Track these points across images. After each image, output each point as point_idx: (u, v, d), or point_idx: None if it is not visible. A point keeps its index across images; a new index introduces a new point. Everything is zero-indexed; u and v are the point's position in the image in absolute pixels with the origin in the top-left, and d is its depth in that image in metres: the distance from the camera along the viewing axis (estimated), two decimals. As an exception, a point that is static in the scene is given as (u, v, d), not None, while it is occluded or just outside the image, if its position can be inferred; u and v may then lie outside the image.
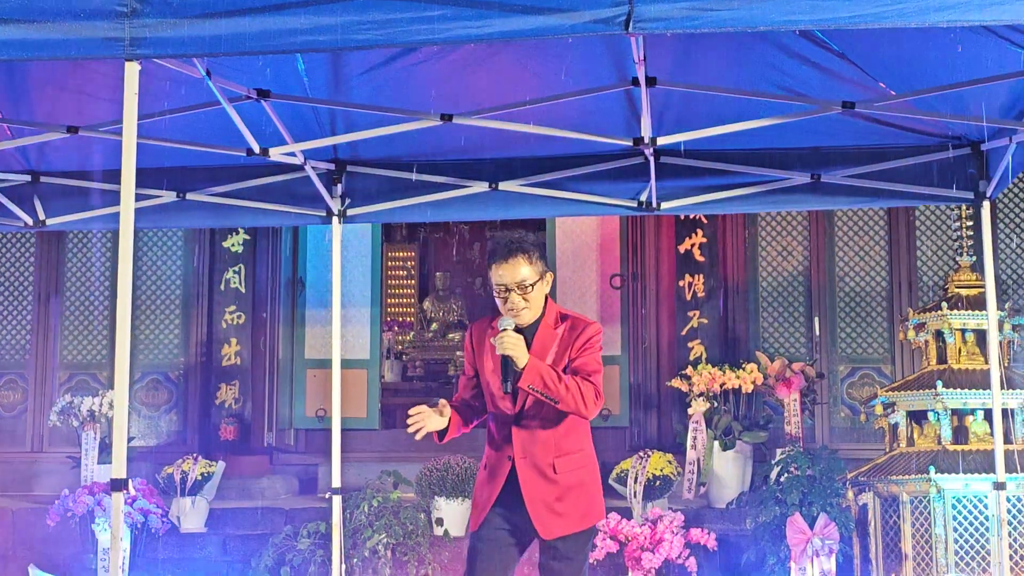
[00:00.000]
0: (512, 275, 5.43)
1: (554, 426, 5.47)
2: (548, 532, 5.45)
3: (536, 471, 5.45)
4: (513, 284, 5.43)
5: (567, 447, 5.50)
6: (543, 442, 5.46)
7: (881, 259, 11.85)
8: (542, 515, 5.45)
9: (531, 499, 5.44)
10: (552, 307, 5.57)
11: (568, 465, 5.49)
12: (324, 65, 6.68)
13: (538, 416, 5.45)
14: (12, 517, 10.55)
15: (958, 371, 8.97)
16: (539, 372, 5.29)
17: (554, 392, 5.29)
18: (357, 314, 13.02)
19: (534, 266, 5.47)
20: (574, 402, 5.34)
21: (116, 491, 4.89)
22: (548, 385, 5.28)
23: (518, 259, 5.44)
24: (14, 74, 6.84)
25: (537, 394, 5.30)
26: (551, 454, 5.46)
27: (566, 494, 5.48)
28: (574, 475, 5.51)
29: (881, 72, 6.60)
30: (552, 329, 5.52)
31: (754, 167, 7.81)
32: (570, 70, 6.67)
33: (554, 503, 5.45)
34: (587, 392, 5.38)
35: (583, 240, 12.65)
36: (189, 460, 10.54)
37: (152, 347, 12.60)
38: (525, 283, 5.43)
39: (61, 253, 12.82)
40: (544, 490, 5.45)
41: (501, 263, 5.45)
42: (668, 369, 11.60)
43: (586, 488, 5.56)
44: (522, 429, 5.47)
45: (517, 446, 5.46)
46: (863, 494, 8.95)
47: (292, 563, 9.16)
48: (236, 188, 8.21)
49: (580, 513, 5.52)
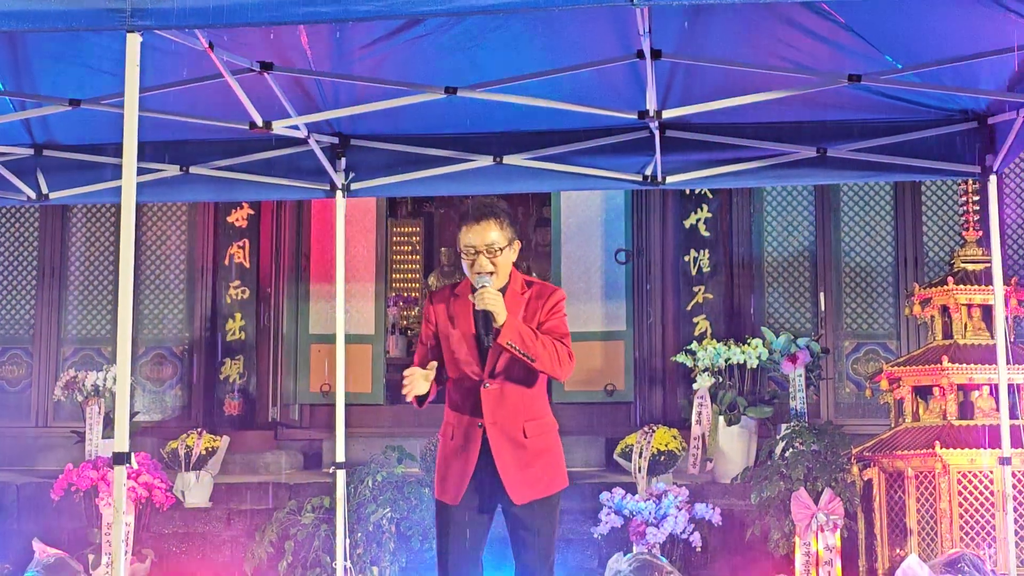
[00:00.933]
0: (482, 237, 5.51)
1: (522, 390, 5.53)
2: (521, 497, 5.49)
3: (507, 436, 5.50)
4: (483, 246, 5.50)
5: (535, 412, 5.58)
6: (512, 407, 5.51)
7: (887, 234, 11.81)
8: (515, 480, 5.49)
9: (503, 464, 5.48)
10: (517, 275, 5.64)
11: (537, 429, 5.56)
12: (327, 38, 6.65)
13: (507, 380, 5.51)
14: (16, 491, 10.57)
15: (964, 346, 8.95)
16: (517, 329, 5.36)
17: (532, 350, 5.35)
18: (361, 289, 13.00)
19: (504, 232, 5.55)
20: (550, 361, 5.41)
21: (119, 464, 4.89)
22: (526, 342, 5.34)
23: (489, 223, 5.53)
24: (16, 46, 6.82)
25: (515, 351, 5.35)
26: (521, 418, 5.52)
27: (536, 459, 5.53)
28: (542, 439, 5.58)
29: (887, 45, 6.57)
30: (519, 295, 5.58)
31: (760, 141, 7.78)
32: (575, 43, 6.65)
33: (525, 468, 5.50)
34: (561, 352, 5.47)
35: (588, 215, 12.61)
36: (193, 435, 10.55)
37: (156, 322, 12.60)
38: (494, 246, 5.51)
39: (65, 227, 12.81)
40: (516, 455, 5.50)
41: (472, 225, 5.54)
42: (673, 344, 11.58)
43: (553, 454, 5.63)
44: (491, 394, 5.51)
45: (487, 412, 5.50)
46: (868, 469, 8.94)
47: (296, 537, 9.16)
48: (240, 162, 8.18)
49: (549, 478, 5.58)
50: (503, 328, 5.33)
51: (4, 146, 8.15)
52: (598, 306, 12.42)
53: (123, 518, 4.93)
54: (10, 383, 12.68)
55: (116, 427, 5.01)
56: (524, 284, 5.62)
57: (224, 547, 10.06)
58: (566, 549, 9.68)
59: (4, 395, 12.67)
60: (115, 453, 4.92)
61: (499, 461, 5.48)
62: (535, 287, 5.63)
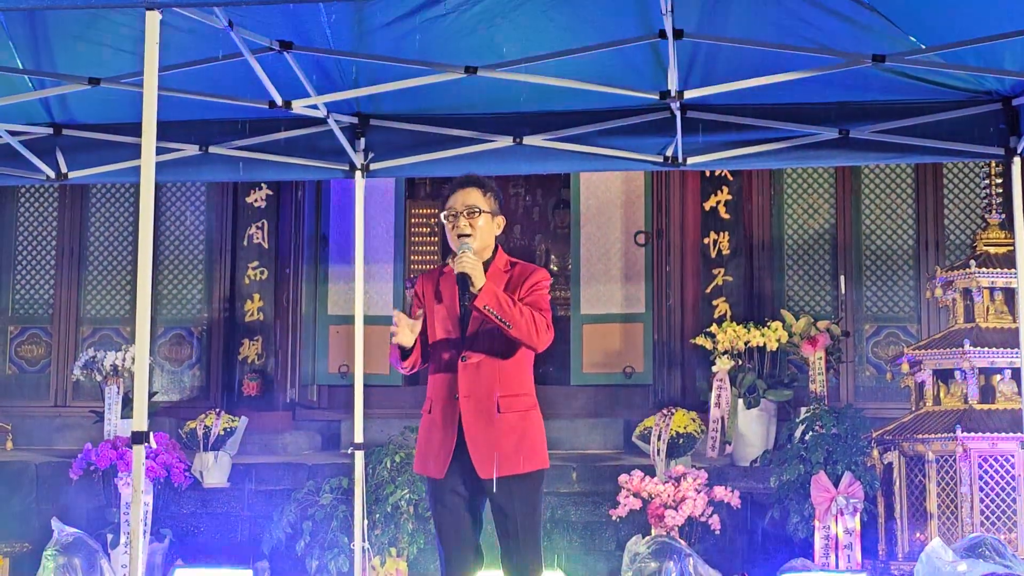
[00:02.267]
0: (462, 199, 5.65)
1: (500, 364, 5.57)
2: (486, 471, 5.50)
3: (479, 409, 5.53)
4: (463, 208, 5.62)
5: (512, 387, 5.60)
6: (488, 380, 5.55)
7: (908, 216, 11.76)
8: (482, 454, 5.51)
9: (471, 437, 5.52)
10: (502, 254, 5.71)
11: (512, 405, 5.58)
12: (347, 16, 6.64)
13: (485, 354, 5.55)
14: (35, 471, 10.59)
15: (986, 330, 8.90)
16: (494, 293, 5.41)
17: (508, 315, 5.39)
18: (380, 270, 13.00)
19: (487, 199, 5.67)
20: (527, 328, 5.44)
21: (137, 444, 4.89)
22: (503, 307, 5.39)
23: (472, 188, 5.68)
24: (35, 25, 6.81)
25: (491, 315, 5.38)
26: (496, 392, 5.55)
27: (508, 434, 5.55)
28: (517, 416, 5.59)
29: (911, 25, 6.52)
30: (501, 272, 5.65)
31: (782, 122, 7.74)
32: (596, 22, 6.62)
33: (495, 442, 5.52)
34: (539, 321, 5.50)
35: (607, 196, 12.58)
36: (212, 415, 10.55)
37: (175, 302, 12.61)
38: (474, 208, 5.62)
39: (84, 207, 12.82)
40: (486, 429, 5.52)
41: (456, 190, 5.69)
42: (692, 327, 11.54)
43: (526, 433, 5.62)
44: (468, 367, 5.56)
45: (462, 385, 5.55)
46: (888, 453, 8.91)
47: (314, 518, 9.16)
48: (259, 142, 8.17)
49: (523, 455, 5.58)
50: (480, 292, 5.39)
51: (23, 125, 8.15)
52: (617, 288, 12.41)
53: (141, 497, 4.93)
54: (29, 363, 12.71)
55: (135, 407, 5.01)
56: (508, 263, 5.70)
57: (242, 527, 10.08)
58: (584, 531, 9.67)
59: (23, 375, 12.70)
60: (134, 432, 4.93)
61: (468, 434, 5.52)
62: (518, 267, 5.71)
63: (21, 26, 6.82)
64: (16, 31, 6.88)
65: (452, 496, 5.61)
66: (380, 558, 9.01)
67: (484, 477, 5.51)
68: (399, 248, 13.20)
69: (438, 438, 5.61)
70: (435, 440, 5.63)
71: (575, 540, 9.66)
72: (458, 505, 5.61)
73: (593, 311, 12.48)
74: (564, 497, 9.82)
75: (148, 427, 4.99)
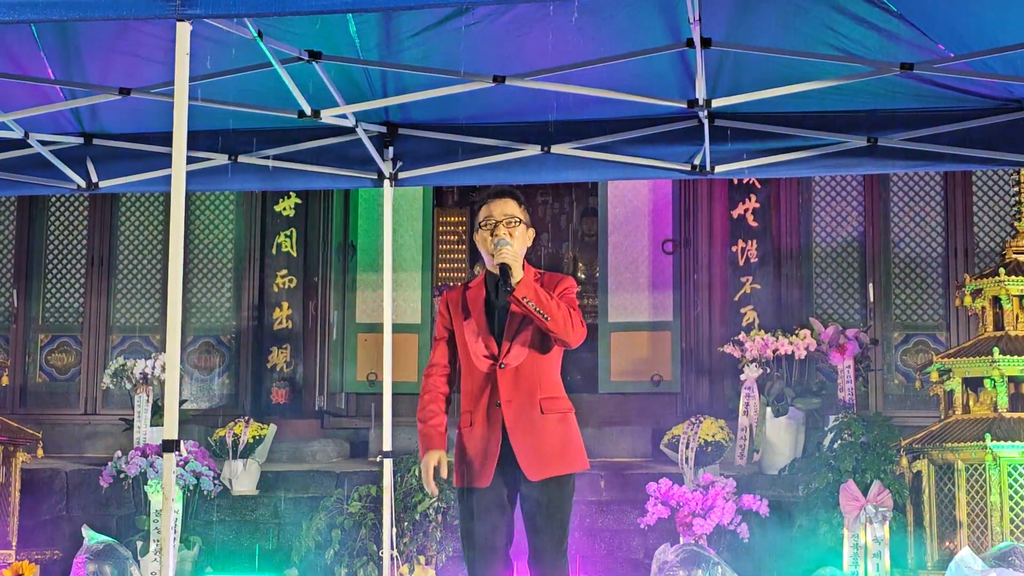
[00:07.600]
0: (501, 209, 5.76)
1: (537, 369, 5.65)
2: (535, 473, 5.57)
3: (524, 413, 5.60)
4: (502, 217, 5.73)
5: (551, 390, 5.70)
6: (528, 384, 5.63)
7: (937, 224, 11.73)
8: (530, 457, 5.58)
9: (518, 440, 5.58)
10: (529, 267, 5.72)
11: (553, 407, 5.67)
12: (376, 26, 6.65)
13: (522, 360, 5.64)
14: (66, 479, 10.64)
15: (1015, 338, 8.86)
16: (532, 285, 5.52)
17: (546, 307, 5.49)
18: (408, 279, 13.04)
19: (522, 211, 5.80)
20: (563, 320, 5.53)
21: (167, 452, 4.92)
22: (541, 299, 5.49)
23: (509, 199, 5.80)
24: (66, 35, 6.86)
25: (529, 307, 5.47)
26: (537, 394, 5.64)
27: (552, 435, 5.63)
28: (559, 417, 5.68)
29: (940, 33, 6.50)
30: (531, 280, 5.66)
31: (810, 130, 7.72)
32: (624, 31, 6.62)
33: (542, 444, 5.60)
34: (574, 316, 5.61)
35: (635, 205, 12.59)
36: (241, 423, 10.59)
37: (204, 310, 12.67)
38: (513, 217, 5.73)
39: (114, 216, 12.89)
40: (532, 431, 5.60)
41: (494, 200, 5.80)
42: (721, 335, 11.53)
43: (569, 434, 5.71)
44: (507, 374, 5.63)
45: (503, 391, 5.62)
46: (917, 461, 8.87)
47: (343, 526, 9.18)
48: (288, 151, 8.19)
49: (568, 457, 5.67)
50: (519, 284, 5.48)
51: (54, 135, 8.19)
52: (645, 296, 12.41)
53: (172, 505, 4.95)
54: (59, 371, 12.78)
55: (166, 415, 5.04)
56: (536, 273, 5.75)
57: (271, 535, 10.11)
58: (612, 539, 9.67)
59: (53, 383, 12.77)
60: (164, 440, 4.96)
61: (514, 437, 5.58)
62: (547, 275, 5.80)
63: (52, 37, 6.86)
64: (47, 42, 6.92)
65: (492, 505, 5.64)
66: (409, 566, 9.02)
67: (534, 480, 5.57)
68: (427, 256, 13.23)
69: (482, 447, 5.65)
70: (478, 450, 5.66)
71: (603, 548, 9.66)
72: (497, 515, 5.65)
73: (621, 319, 12.50)
74: (592, 505, 9.82)
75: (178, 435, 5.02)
